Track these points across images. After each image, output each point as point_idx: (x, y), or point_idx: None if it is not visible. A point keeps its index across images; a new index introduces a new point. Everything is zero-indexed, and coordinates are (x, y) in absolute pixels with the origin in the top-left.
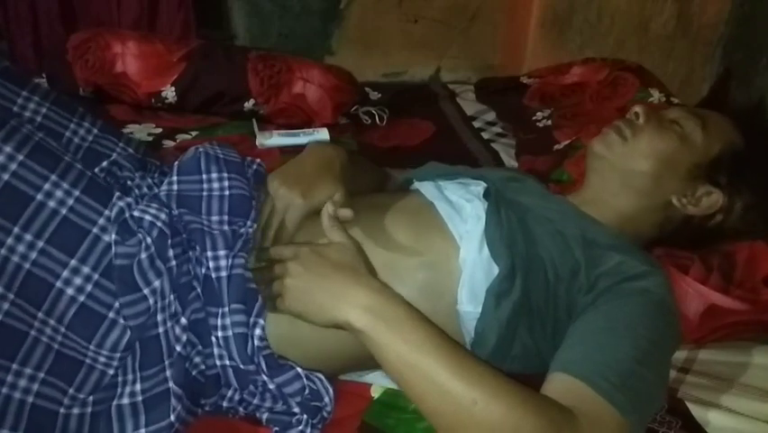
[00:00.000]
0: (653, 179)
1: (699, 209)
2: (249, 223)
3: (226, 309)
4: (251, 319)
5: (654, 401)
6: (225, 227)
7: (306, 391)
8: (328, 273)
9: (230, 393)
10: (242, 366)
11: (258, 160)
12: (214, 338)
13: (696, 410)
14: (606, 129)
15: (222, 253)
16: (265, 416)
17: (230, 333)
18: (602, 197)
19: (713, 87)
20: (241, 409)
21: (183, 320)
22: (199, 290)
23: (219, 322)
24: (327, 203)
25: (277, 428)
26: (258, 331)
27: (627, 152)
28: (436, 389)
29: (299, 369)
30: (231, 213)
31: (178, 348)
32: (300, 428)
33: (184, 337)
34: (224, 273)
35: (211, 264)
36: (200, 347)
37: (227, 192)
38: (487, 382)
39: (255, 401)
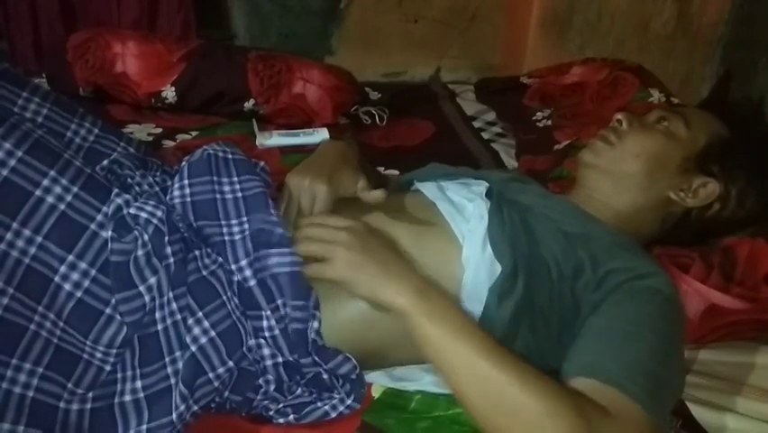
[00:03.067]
0: (645, 177)
1: (697, 200)
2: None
3: (280, 303)
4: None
5: (673, 398)
6: (247, 234)
7: (357, 370)
8: (384, 254)
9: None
10: (301, 360)
11: (262, 163)
12: (262, 339)
13: (696, 410)
14: (591, 140)
15: (244, 263)
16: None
17: (276, 332)
18: (598, 199)
19: (714, 88)
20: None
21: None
22: (234, 297)
23: (265, 324)
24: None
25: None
26: (315, 324)
27: (616, 155)
28: (472, 371)
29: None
30: (249, 214)
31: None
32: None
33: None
34: (252, 282)
35: (238, 277)
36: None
37: (240, 194)
38: (523, 369)
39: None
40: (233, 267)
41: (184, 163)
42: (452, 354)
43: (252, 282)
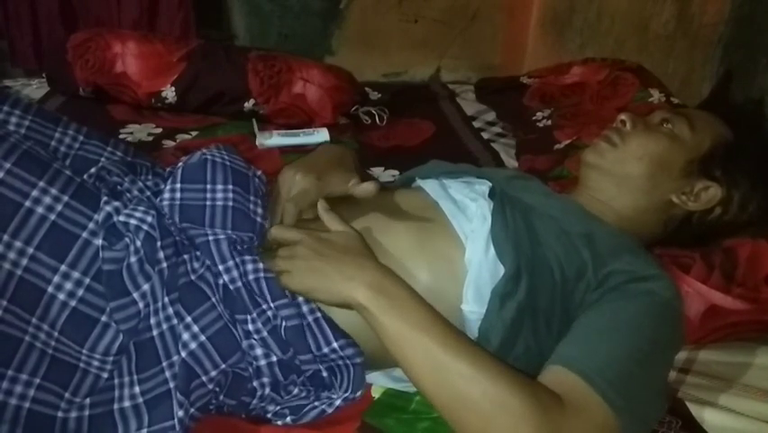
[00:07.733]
0: (648, 180)
1: (699, 204)
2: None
3: (265, 307)
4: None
5: (650, 403)
6: (231, 236)
7: (362, 357)
8: (338, 256)
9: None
10: (300, 357)
11: (259, 172)
12: (253, 341)
13: (696, 410)
14: (595, 140)
15: (231, 264)
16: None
17: (264, 334)
18: (600, 200)
19: (714, 89)
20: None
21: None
22: (219, 298)
23: (251, 327)
24: (320, 201)
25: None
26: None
27: (619, 157)
28: (429, 363)
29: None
30: (234, 228)
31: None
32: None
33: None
34: (238, 284)
35: (224, 279)
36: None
37: (231, 204)
38: (477, 359)
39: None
40: (221, 267)
41: (180, 165)
42: (410, 347)
43: (239, 284)
